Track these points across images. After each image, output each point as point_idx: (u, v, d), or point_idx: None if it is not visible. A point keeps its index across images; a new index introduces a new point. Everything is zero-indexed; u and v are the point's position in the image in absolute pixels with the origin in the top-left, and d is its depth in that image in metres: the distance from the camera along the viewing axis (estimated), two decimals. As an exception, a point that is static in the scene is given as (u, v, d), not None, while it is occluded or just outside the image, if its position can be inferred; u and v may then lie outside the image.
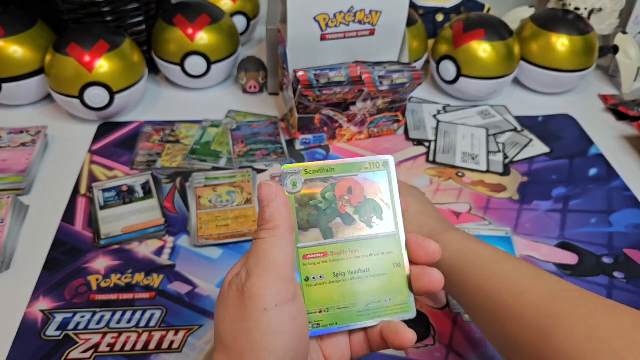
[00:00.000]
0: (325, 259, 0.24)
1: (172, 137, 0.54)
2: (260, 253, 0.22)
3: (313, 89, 0.47)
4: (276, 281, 0.21)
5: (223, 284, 0.23)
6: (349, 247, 0.24)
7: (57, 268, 0.40)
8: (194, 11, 0.57)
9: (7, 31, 0.52)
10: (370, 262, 0.25)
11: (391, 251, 0.25)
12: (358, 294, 0.24)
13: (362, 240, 0.25)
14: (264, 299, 0.21)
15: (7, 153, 0.49)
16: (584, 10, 0.64)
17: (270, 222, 0.22)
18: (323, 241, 0.24)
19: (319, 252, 0.24)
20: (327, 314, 0.24)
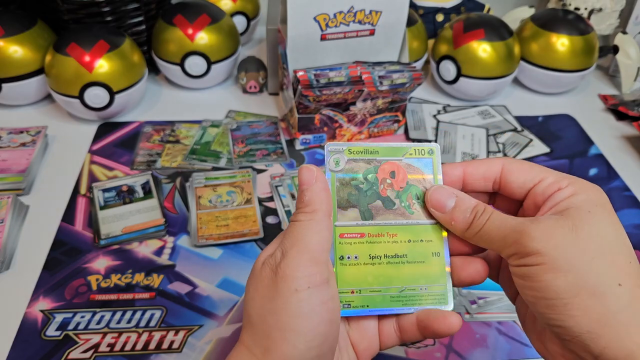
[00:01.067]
0: (362, 239, 0.24)
1: (172, 137, 0.54)
2: (296, 235, 0.22)
3: (313, 89, 0.47)
4: (310, 264, 0.21)
5: (255, 264, 0.23)
6: (387, 231, 0.24)
7: (57, 268, 0.40)
8: (194, 11, 0.57)
9: (7, 31, 0.53)
10: (408, 248, 0.24)
11: (431, 239, 0.24)
12: (393, 279, 0.24)
13: (401, 226, 0.24)
14: (296, 280, 0.21)
15: (7, 153, 0.49)
16: (584, 10, 0.64)
17: (308, 205, 0.22)
18: (361, 222, 0.24)
19: (357, 233, 0.24)
20: (359, 295, 0.24)
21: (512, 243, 0.21)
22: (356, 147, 0.24)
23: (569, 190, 0.22)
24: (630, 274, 0.20)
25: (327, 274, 0.22)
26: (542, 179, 0.23)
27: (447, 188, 0.24)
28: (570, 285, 0.19)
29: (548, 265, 0.20)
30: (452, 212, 0.24)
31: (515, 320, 0.38)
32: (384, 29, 0.51)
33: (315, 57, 0.51)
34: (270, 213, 0.45)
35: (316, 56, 0.50)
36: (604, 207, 0.21)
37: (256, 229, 0.43)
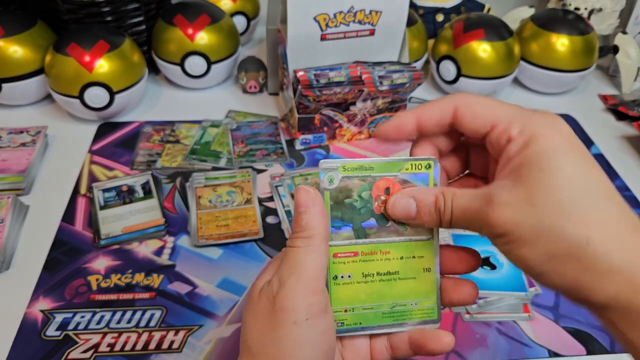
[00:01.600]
0: (355, 258, 0.24)
1: (172, 137, 0.54)
2: (294, 262, 0.22)
3: (313, 89, 0.47)
4: (308, 294, 0.21)
5: (253, 290, 0.23)
6: (381, 249, 0.24)
7: (57, 268, 0.40)
8: (194, 11, 0.57)
9: (7, 31, 0.52)
10: (401, 265, 0.24)
11: (423, 255, 0.24)
12: (385, 295, 0.24)
13: (394, 243, 0.24)
14: (295, 313, 0.21)
15: (7, 153, 0.49)
16: (584, 10, 0.64)
17: (306, 230, 0.22)
18: (355, 241, 0.24)
19: (350, 252, 0.24)
20: (352, 314, 0.24)
21: (481, 227, 0.21)
22: (350, 164, 0.24)
23: (520, 140, 0.20)
24: (600, 221, 0.19)
25: (325, 302, 0.22)
26: (493, 125, 0.21)
27: (404, 193, 0.24)
28: (541, 256, 0.19)
29: (516, 243, 0.20)
30: (419, 216, 0.23)
31: (516, 320, 0.38)
32: (384, 29, 0.51)
33: (315, 57, 0.51)
34: (270, 213, 0.45)
35: (316, 56, 0.51)
36: (562, 151, 0.19)
37: (256, 229, 0.43)
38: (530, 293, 0.39)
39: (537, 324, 0.37)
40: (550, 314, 0.38)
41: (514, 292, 0.39)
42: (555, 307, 0.38)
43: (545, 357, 0.36)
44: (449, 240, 0.42)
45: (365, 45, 0.51)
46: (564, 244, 0.19)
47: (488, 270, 0.40)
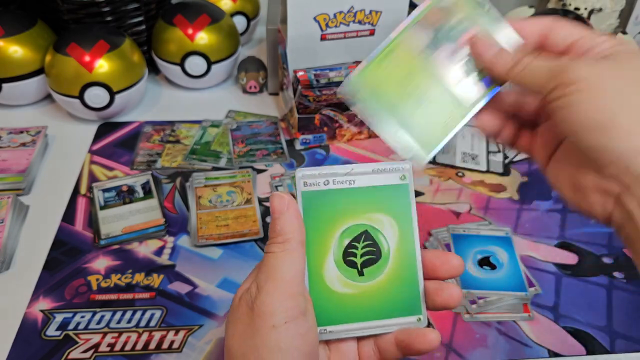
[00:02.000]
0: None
1: (172, 137, 0.54)
2: (270, 268, 0.22)
3: (313, 89, 0.47)
4: (285, 298, 0.21)
5: (234, 299, 0.23)
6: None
7: (57, 268, 0.40)
8: (194, 11, 0.57)
9: (7, 31, 0.53)
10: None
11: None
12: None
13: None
14: (273, 316, 0.21)
15: (7, 153, 0.49)
16: (583, 10, 0.65)
17: (280, 235, 0.22)
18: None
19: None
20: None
21: (558, 74, 0.21)
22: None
23: (611, 42, 0.22)
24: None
25: (303, 305, 0.22)
26: (583, 35, 0.23)
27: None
28: (611, 109, 0.20)
29: (590, 92, 0.20)
30: (500, 52, 0.24)
31: (516, 320, 0.38)
32: (384, 29, 0.51)
33: (315, 57, 0.51)
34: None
35: (316, 56, 0.51)
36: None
37: (256, 228, 0.43)
38: (530, 293, 0.39)
39: (537, 323, 0.37)
40: (550, 314, 0.38)
41: (513, 292, 0.39)
42: (555, 307, 0.38)
43: (545, 357, 0.36)
44: (448, 240, 0.42)
45: (365, 45, 0.52)
46: (637, 105, 0.20)
47: (488, 270, 0.40)
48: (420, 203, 0.47)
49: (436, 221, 0.45)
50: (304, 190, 0.23)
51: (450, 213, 0.46)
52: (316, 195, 0.24)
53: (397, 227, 0.24)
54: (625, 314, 0.38)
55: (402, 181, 0.24)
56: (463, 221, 0.45)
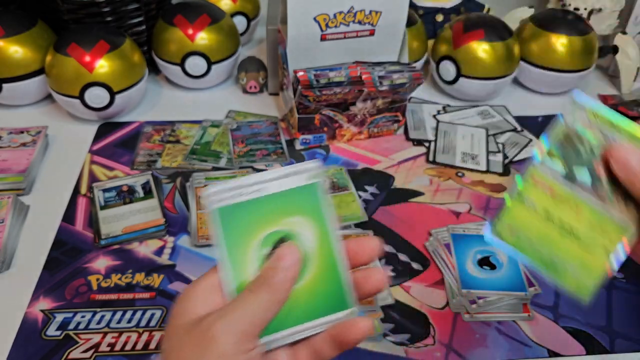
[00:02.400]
0: (548, 194, 0.25)
1: (173, 137, 0.54)
2: (238, 305, 0.22)
3: (313, 89, 0.47)
4: (242, 339, 0.21)
5: (184, 313, 0.22)
6: (577, 203, 0.24)
7: (57, 268, 0.40)
8: (194, 11, 0.57)
9: (7, 31, 0.53)
10: (584, 227, 0.24)
11: (609, 233, 0.24)
12: (552, 244, 0.24)
13: (591, 206, 0.24)
14: (225, 347, 0.21)
15: (8, 153, 0.49)
16: (583, 11, 0.65)
17: (268, 283, 0.22)
18: (562, 180, 0.24)
19: (548, 186, 0.25)
20: (515, 237, 0.24)
21: None
22: (602, 115, 0.23)
23: None
24: None
25: (256, 353, 0.22)
26: None
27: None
28: None
29: None
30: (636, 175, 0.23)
31: (515, 320, 0.38)
32: (384, 29, 0.51)
33: (315, 57, 0.51)
34: (271, 213, 0.45)
35: (316, 56, 0.51)
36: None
37: (256, 228, 0.43)
38: (530, 293, 0.39)
39: (537, 323, 0.37)
40: (550, 313, 0.38)
41: (513, 292, 0.39)
42: (555, 307, 0.39)
43: (544, 357, 0.36)
44: (448, 240, 0.43)
45: (365, 45, 0.52)
46: None
47: (488, 270, 0.40)
48: (420, 203, 0.47)
49: (436, 221, 0.45)
50: (219, 207, 0.23)
51: (450, 213, 0.46)
52: (229, 210, 0.23)
53: (315, 227, 0.24)
54: (625, 314, 0.38)
55: (312, 180, 0.24)
56: (463, 221, 0.45)
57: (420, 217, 0.45)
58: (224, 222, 0.23)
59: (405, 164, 0.51)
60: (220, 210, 0.23)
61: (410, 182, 0.49)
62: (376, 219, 0.45)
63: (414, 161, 0.52)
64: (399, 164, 0.51)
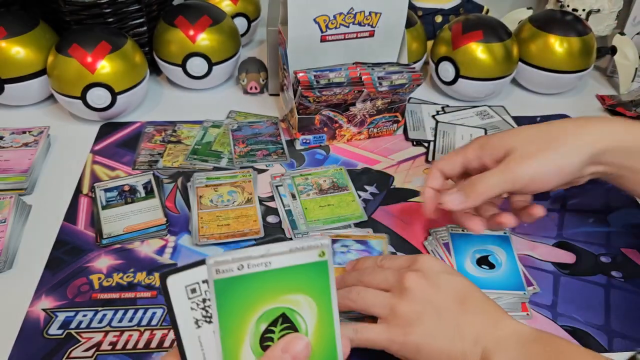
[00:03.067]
0: None
1: (174, 138, 0.54)
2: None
3: (313, 90, 0.47)
4: None
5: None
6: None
7: (59, 267, 0.40)
8: (195, 13, 0.57)
9: (9, 32, 0.53)
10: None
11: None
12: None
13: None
14: None
15: (10, 153, 0.50)
16: (581, 12, 0.65)
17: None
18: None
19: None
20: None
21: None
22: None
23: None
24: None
25: None
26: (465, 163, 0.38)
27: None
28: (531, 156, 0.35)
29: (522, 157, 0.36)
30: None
31: (514, 319, 0.38)
32: (384, 31, 0.51)
33: (315, 58, 0.51)
34: (271, 212, 0.46)
35: (316, 57, 0.51)
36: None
37: (257, 228, 0.44)
38: (529, 292, 0.39)
39: (536, 322, 0.38)
40: (549, 312, 0.38)
41: (512, 290, 0.39)
42: (554, 305, 0.39)
43: (543, 355, 0.36)
44: (447, 240, 0.43)
45: (365, 46, 0.52)
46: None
47: (486, 270, 0.41)
48: (419, 202, 0.47)
49: (435, 221, 0.45)
50: (217, 279, 0.22)
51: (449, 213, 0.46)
52: (230, 282, 0.22)
53: (316, 306, 0.23)
54: (623, 313, 0.38)
55: (321, 258, 0.23)
56: (462, 221, 0.45)
57: (419, 216, 0.46)
58: (221, 293, 0.22)
59: (404, 164, 0.52)
60: (217, 282, 0.22)
61: (409, 182, 0.50)
62: (376, 218, 0.45)
63: (414, 161, 0.52)
64: (398, 164, 0.52)
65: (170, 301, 0.23)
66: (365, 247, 0.41)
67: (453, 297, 0.31)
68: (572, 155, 0.34)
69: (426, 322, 0.30)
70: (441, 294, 0.31)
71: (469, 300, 0.31)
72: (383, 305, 0.32)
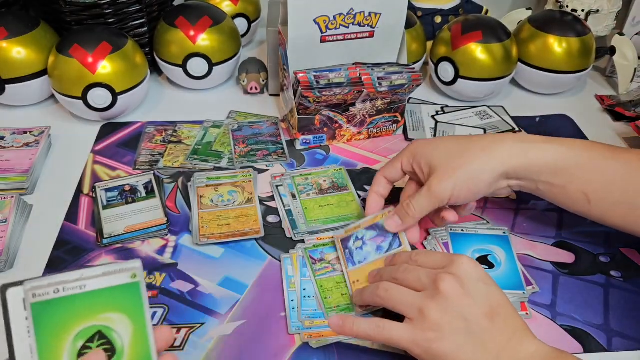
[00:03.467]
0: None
1: (174, 138, 0.54)
2: None
3: (313, 90, 0.48)
4: None
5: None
6: None
7: (60, 267, 0.40)
8: (195, 13, 0.57)
9: (10, 32, 0.53)
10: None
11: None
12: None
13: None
14: None
15: (11, 153, 0.50)
16: (581, 12, 0.65)
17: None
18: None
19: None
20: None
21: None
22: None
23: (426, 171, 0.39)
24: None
25: None
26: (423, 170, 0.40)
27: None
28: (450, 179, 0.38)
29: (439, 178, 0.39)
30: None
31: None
32: (383, 31, 0.52)
33: (315, 59, 0.51)
34: (271, 212, 0.46)
35: (316, 58, 0.51)
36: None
37: (257, 228, 0.44)
38: (528, 291, 0.39)
39: (535, 322, 0.38)
40: (548, 312, 0.39)
41: (511, 290, 0.39)
42: (553, 305, 0.39)
43: (542, 354, 0.36)
44: (447, 239, 0.43)
45: (365, 46, 0.52)
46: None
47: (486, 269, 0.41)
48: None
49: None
50: (33, 302, 0.24)
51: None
52: (46, 304, 0.24)
53: (130, 323, 0.26)
54: (622, 312, 0.38)
55: (133, 279, 0.26)
56: (461, 220, 0.45)
57: (419, 216, 0.46)
58: (37, 316, 0.24)
59: (404, 164, 0.52)
60: (34, 305, 0.24)
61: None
62: (376, 218, 0.45)
63: (413, 161, 0.52)
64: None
65: (8, 311, 0.25)
66: (378, 232, 0.40)
67: (485, 311, 0.30)
68: (484, 172, 0.37)
69: (454, 333, 0.30)
70: (474, 306, 0.30)
71: (499, 315, 0.31)
72: (412, 304, 0.31)
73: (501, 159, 0.37)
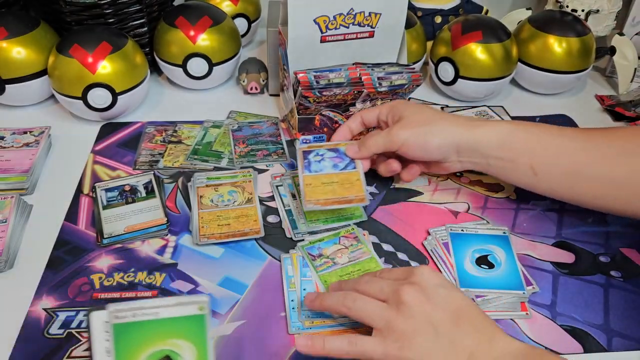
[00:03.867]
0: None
1: (174, 138, 0.54)
2: None
3: (313, 90, 0.48)
4: None
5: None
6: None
7: (60, 267, 0.40)
8: (195, 13, 0.57)
9: (10, 32, 0.53)
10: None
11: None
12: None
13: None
14: None
15: (11, 153, 0.50)
16: (581, 12, 0.65)
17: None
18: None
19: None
20: None
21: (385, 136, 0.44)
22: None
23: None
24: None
25: None
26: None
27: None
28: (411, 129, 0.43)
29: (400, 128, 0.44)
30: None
31: (513, 319, 0.38)
32: (383, 31, 0.52)
33: (315, 59, 0.51)
34: (271, 212, 0.46)
35: (316, 58, 0.51)
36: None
37: (257, 228, 0.44)
38: (528, 291, 0.39)
39: (535, 322, 0.38)
40: (548, 312, 0.39)
41: (511, 290, 0.39)
42: (553, 305, 0.39)
43: (542, 354, 0.36)
44: (447, 239, 0.43)
45: (365, 46, 0.52)
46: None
47: (486, 269, 0.41)
48: (418, 202, 0.47)
49: (434, 220, 0.45)
50: (115, 323, 0.28)
51: (448, 212, 0.46)
52: (125, 327, 0.29)
53: (195, 350, 0.29)
54: (622, 312, 0.38)
55: (200, 311, 0.30)
56: (461, 220, 0.45)
57: (419, 216, 0.46)
58: (117, 335, 0.29)
59: (404, 164, 0.52)
60: (115, 326, 0.29)
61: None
62: (375, 218, 0.45)
63: (413, 161, 0.52)
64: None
65: (91, 333, 0.29)
66: (337, 155, 0.45)
67: (450, 314, 0.31)
68: (435, 136, 0.42)
69: (422, 338, 0.30)
70: (438, 309, 0.31)
71: (464, 316, 0.31)
72: (379, 317, 0.32)
73: (453, 132, 0.41)
